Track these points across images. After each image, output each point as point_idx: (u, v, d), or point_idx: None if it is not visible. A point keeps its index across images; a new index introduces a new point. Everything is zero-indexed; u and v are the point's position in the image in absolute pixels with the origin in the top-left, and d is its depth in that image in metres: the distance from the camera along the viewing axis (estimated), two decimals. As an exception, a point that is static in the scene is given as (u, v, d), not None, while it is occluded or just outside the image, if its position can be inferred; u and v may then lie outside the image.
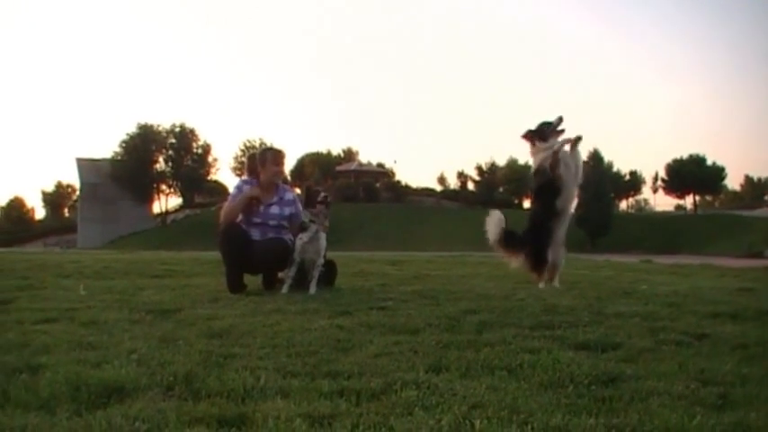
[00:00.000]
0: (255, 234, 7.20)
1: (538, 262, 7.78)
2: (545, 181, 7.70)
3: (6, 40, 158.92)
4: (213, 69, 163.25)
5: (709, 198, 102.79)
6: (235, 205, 7.26)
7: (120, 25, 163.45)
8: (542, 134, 7.73)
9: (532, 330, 4.51)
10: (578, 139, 7.79)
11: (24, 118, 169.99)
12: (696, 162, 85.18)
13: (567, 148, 7.76)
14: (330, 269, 7.42)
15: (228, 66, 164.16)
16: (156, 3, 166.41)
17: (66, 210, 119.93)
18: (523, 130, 7.86)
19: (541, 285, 7.60)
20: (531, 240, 7.84)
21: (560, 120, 7.75)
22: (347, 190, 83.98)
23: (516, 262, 8.08)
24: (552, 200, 7.67)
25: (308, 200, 7.17)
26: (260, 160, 7.42)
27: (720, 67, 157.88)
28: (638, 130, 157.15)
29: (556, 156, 7.61)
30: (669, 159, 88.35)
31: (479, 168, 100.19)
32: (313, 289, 6.84)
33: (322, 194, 7.16)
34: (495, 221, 8.08)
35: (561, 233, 7.88)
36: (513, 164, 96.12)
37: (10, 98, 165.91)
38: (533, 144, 7.78)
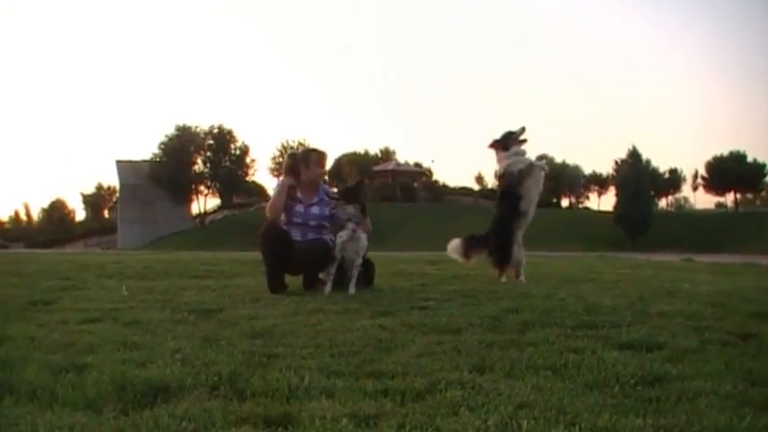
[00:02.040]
0: (296, 234, 7.23)
1: (502, 258, 8.34)
2: (511, 185, 8.32)
3: (46, 43, 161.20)
4: (250, 70, 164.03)
5: (750, 196, 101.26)
6: (276, 197, 7.33)
7: (158, 27, 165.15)
8: (506, 142, 8.39)
9: (575, 330, 4.48)
10: (544, 156, 8.78)
11: (65, 121, 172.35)
12: (737, 159, 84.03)
13: (531, 156, 8.51)
14: (368, 269, 7.41)
15: (265, 66, 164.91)
16: (192, 5, 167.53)
17: (106, 211, 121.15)
18: (490, 140, 8.52)
19: (503, 279, 8.22)
20: (495, 239, 8.40)
21: (523, 129, 8.39)
22: (385, 190, 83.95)
23: (479, 259, 8.74)
24: (517, 203, 8.28)
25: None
26: (303, 161, 7.46)
27: (762, 61, 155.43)
28: (678, 128, 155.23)
29: (531, 167, 8.31)
30: (709, 156, 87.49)
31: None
32: (352, 289, 6.83)
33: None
34: (454, 248, 8.76)
35: (521, 233, 8.47)
36: (549, 162, 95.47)
37: (51, 102, 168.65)
38: (498, 152, 8.44)
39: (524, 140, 8.39)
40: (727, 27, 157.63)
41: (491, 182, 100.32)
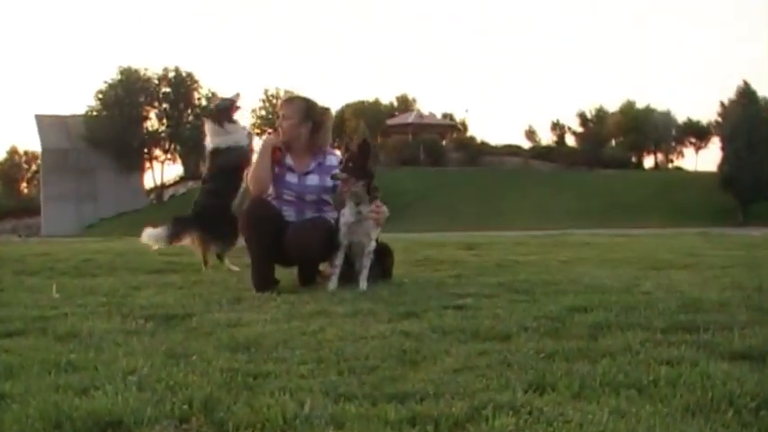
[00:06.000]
0: (289, 213, 7.26)
1: (233, 238, 9.03)
2: (240, 157, 9.38)
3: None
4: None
5: None
6: (259, 162, 7.39)
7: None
8: (228, 113, 9.57)
9: (667, 334, 4.48)
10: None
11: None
12: None
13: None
14: (383, 257, 7.42)
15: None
16: None
17: (23, 185, 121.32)
18: (207, 115, 10.07)
19: (228, 263, 9.16)
20: (220, 218, 9.13)
21: (238, 96, 9.73)
22: (404, 150, 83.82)
23: (190, 241, 9.45)
24: (239, 180, 9.22)
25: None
26: (318, 118, 7.43)
27: None
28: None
29: (252, 139, 9.95)
30: None
31: (582, 116, 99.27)
32: (363, 283, 6.86)
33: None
34: (153, 235, 9.31)
35: None
36: (628, 109, 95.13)
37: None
38: (221, 125, 9.47)
39: (239, 107, 9.76)
40: None
41: (545, 136, 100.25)
